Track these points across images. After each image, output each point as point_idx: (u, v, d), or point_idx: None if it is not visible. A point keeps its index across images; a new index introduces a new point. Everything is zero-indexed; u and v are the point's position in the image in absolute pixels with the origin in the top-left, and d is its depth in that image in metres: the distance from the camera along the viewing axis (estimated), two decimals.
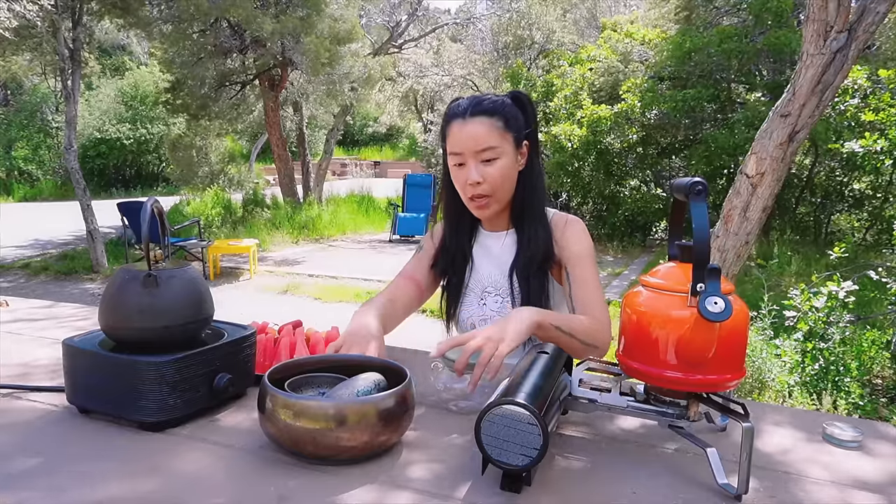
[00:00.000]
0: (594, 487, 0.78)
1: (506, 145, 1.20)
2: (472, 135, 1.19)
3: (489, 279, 1.31)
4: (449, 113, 1.25)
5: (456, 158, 1.22)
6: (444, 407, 1.02)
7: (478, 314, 1.32)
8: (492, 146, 1.19)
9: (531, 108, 1.27)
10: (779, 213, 8.38)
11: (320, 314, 5.49)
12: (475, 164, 1.19)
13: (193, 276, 0.96)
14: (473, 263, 1.33)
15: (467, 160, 1.20)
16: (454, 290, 1.34)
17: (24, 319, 1.54)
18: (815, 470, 0.85)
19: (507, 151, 1.21)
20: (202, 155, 13.09)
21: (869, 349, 3.28)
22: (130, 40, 19.51)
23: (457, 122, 1.21)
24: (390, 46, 14.11)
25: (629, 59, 9.23)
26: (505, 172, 1.21)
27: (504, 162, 1.20)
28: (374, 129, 27.15)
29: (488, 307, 1.31)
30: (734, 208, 3.42)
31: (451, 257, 1.32)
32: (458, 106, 1.24)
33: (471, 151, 1.19)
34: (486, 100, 1.22)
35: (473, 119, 1.19)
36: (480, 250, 1.33)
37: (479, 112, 1.20)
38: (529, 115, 1.26)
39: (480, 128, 1.19)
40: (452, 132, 1.22)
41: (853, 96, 4.90)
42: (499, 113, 1.20)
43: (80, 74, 7.15)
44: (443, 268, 1.34)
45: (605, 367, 1.03)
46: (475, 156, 1.19)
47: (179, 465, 0.81)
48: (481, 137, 1.18)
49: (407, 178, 10.35)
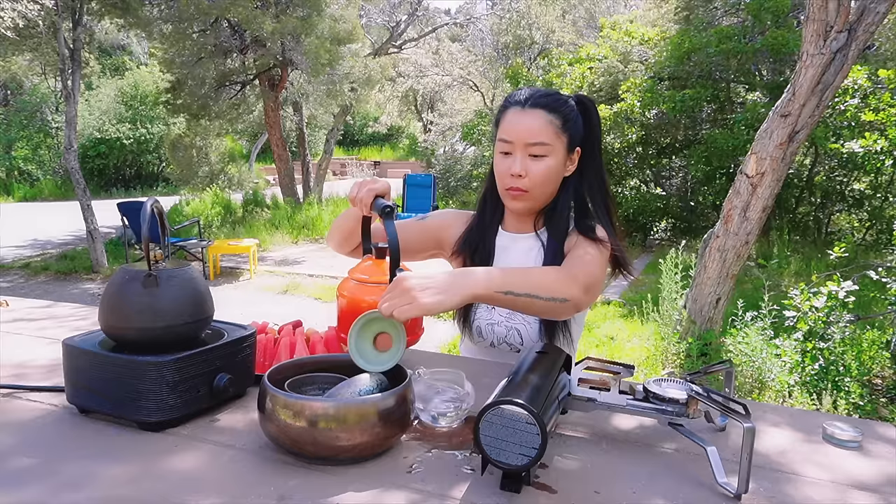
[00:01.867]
0: (594, 487, 0.78)
1: (558, 145, 1.16)
2: (526, 125, 1.15)
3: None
4: (509, 99, 1.20)
5: (504, 146, 1.17)
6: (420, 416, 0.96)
7: (485, 317, 1.28)
8: (543, 142, 1.14)
9: (595, 117, 1.21)
10: (779, 213, 8.37)
11: (320, 314, 5.49)
12: (522, 155, 1.15)
13: (193, 276, 0.96)
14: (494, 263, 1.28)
15: (515, 150, 1.16)
16: None
17: (24, 319, 1.54)
18: (815, 470, 0.85)
19: (557, 151, 1.16)
20: (202, 155, 13.08)
21: (869, 349, 3.28)
22: (130, 40, 19.52)
23: (514, 109, 1.17)
24: (390, 46, 14.12)
25: (629, 59, 9.22)
26: (550, 173, 1.17)
27: (551, 161, 1.16)
28: (374, 129, 27.14)
29: (497, 312, 1.27)
30: (734, 208, 3.42)
31: (474, 249, 1.28)
32: (519, 94, 1.19)
33: (521, 142, 1.15)
34: (549, 94, 1.18)
35: (532, 110, 1.15)
36: (498, 250, 1.29)
37: (540, 105, 1.15)
38: (592, 123, 1.21)
39: (537, 120, 1.14)
40: (508, 118, 1.18)
41: (853, 96, 4.91)
42: (559, 111, 1.16)
43: (80, 74, 7.15)
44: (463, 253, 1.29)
45: (605, 366, 1.03)
46: (524, 148, 1.15)
47: (179, 465, 0.81)
48: (535, 130, 1.14)
49: (407, 178, 10.35)
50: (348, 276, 1.15)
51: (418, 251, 1.34)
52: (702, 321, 3.67)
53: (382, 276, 1.09)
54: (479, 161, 13.21)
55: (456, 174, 13.89)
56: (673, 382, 0.89)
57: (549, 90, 1.19)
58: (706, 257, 3.60)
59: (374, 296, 1.08)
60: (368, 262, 1.14)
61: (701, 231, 8.23)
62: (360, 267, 1.14)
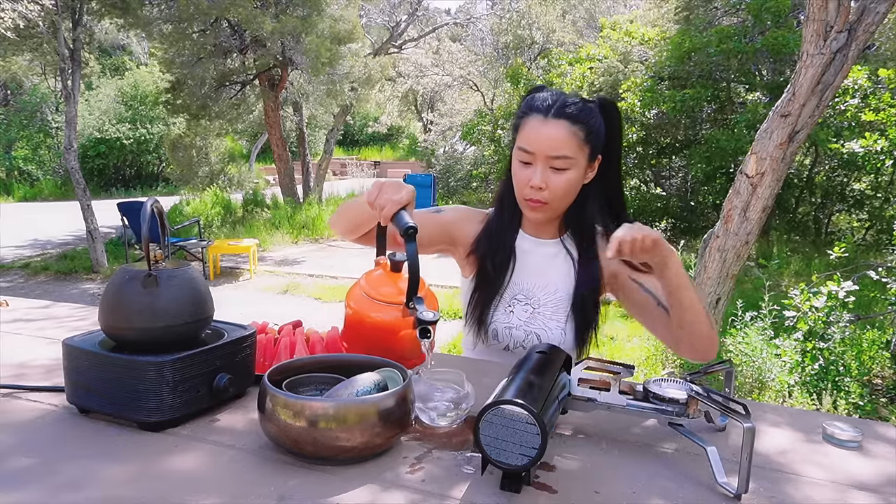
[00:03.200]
0: (594, 487, 0.78)
1: (580, 157, 1.12)
2: (549, 138, 1.09)
3: (520, 286, 1.24)
4: (530, 104, 1.14)
5: (524, 156, 1.12)
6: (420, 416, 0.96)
7: (503, 320, 1.25)
8: (566, 156, 1.10)
9: (617, 122, 1.17)
10: (779, 213, 8.38)
11: (320, 314, 5.49)
12: (543, 167, 1.11)
13: (193, 276, 0.96)
14: (514, 267, 1.25)
15: (536, 161, 1.11)
16: (489, 291, 1.25)
17: (23, 319, 1.54)
18: (815, 470, 0.85)
19: (579, 164, 1.12)
20: (202, 155, 13.09)
21: (869, 349, 3.29)
22: (130, 40, 19.50)
23: (536, 117, 1.11)
24: (390, 46, 14.12)
25: (629, 59, 9.23)
26: (571, 185, 1.13)
27: (573, 174, 1.12)
28: (374, 129, 27.13)
29: (515, 315, 1.24)
30: (734, 208, 3.42)
31: (494, 251, 1.24)
32: (542, 100, 1.12)
33: (543, 154, 1.10)
34: (573, 102, 1.12)
35: (555, 121, 1.09)
36: (519, 253, 1.26)
37: (563, 115, 1.10)
38: (614, 129, 1.16)
39: (560, 133, 1.09)
40: (529, 127, 1.12)
41: (853, 96, 4.91)
42: (583, 122, 1.11)
43: (80, 74, 7.15)
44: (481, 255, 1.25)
45: (605, 366, 1.03)
46: (546, 160, 1.10)
47: (179, 465, 0.81)
48: (558, 144, 1.09)
49: (407, 178, 10.36)
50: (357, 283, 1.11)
51: (428, 245, 1.29)
52: None
53: (393, 290, 1.06)
54: (478, 161, 13.22)
55: (456, 174, 13.90)
56: (673, 382, 0.89)
57: (573, 97, 1.13)
58: (706, 257, 3.60)
59: (380, 313, 1.05)
60: (380, 270, 1.10)
61: (701, 231, 8.24)
62: (372, 277, 1.10)
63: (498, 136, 10.82)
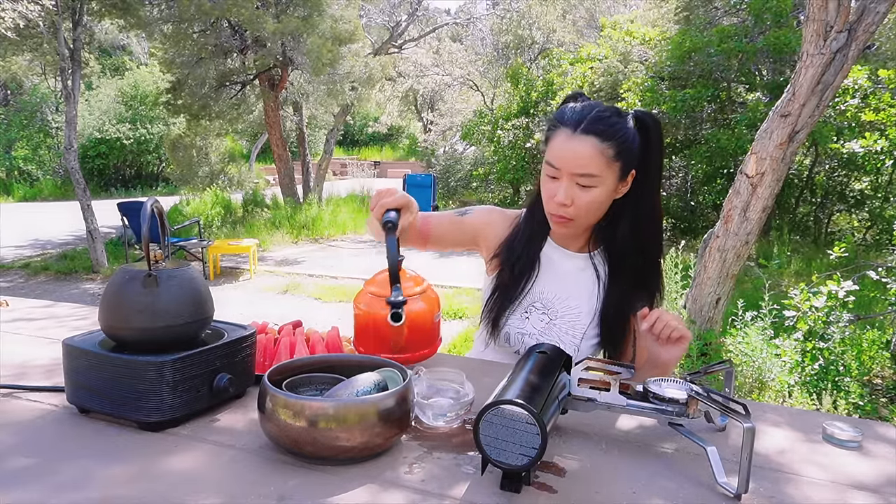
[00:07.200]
0: (594, 487, 0.78)
1: (609, 175, 1.08)
2: (576, 154, 1.06)
3: (540, 294, 1.23)
4: (561, 115, 1.10)
5: (551, 171, 1.10)
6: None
7: (517, 326, 1.24)
8: (592, 174, 1.06)
9: (655, 136, 1.11)
10: (779, 213, 8.38)
11: (320, 314, 5.49)
12: (569, 183, 1.08)
13: (193, 276, 0.96)
14: (538, 275, 1.23)
15: (562, 177, 1.09)
16: (508, 296, 1.24)
17: (24, 319, 1.54)
18: (815, 470, 0.85)
19: (607, 181, 1.08)
20: (202, 155, 13.08)
21: (869, 349, 3.29)
22: (130, 40, 19.52)
23: (564, 132, 1.08)
24: (390, 46, 14.11)
25: (629, 59, 9.23)
26: (597, 203, 1.10)
27: (600, 192, 1.09)
28: (374, 129, 27.14)
29: (531, 323, 1.23)
30: (734, 208, 3.42)
31: (518, 257, 1.23)
32: (571, 112, 1.09)
33: (568, 171, 1.07)
34: (604, 117, 1.07)
35: (583, 137, 1.06)
36: (544, 261, 1.24)
37: (592, 131, 1.06)
38: (652, 144, 1.11)
39: (587, 150, 1.06)
40: (557, 141, 1.09)
41: (853, 96, 4.91)
42: (614, 138, 1.06)
43: (80, 74, 7.15)
44: (504, 260, 1.25)
45: (605, 366, 1.03)
46: (572, 177, 1.08)
47: (179, 465, 0.81)
48: (584, 161, 1.06)
49: (407, 177, 10.35)
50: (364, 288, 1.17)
51: (453, 244, 1.30)
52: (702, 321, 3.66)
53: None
54: (478, 161, 13.22)
55: (456, 174, 13.90)
56: (673, 382, 0.89)
57: (605, 111, 1.08)
58: (706, 257, 3.60)
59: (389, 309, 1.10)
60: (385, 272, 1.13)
61: (701, 231, 8.24)
62: (380, 279, 1.16)
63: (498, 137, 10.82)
